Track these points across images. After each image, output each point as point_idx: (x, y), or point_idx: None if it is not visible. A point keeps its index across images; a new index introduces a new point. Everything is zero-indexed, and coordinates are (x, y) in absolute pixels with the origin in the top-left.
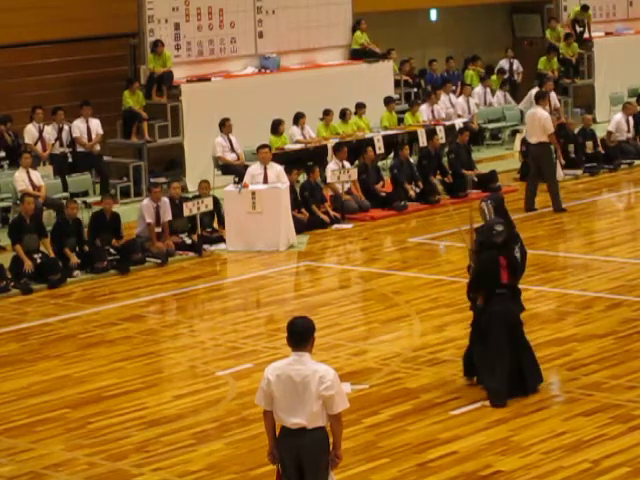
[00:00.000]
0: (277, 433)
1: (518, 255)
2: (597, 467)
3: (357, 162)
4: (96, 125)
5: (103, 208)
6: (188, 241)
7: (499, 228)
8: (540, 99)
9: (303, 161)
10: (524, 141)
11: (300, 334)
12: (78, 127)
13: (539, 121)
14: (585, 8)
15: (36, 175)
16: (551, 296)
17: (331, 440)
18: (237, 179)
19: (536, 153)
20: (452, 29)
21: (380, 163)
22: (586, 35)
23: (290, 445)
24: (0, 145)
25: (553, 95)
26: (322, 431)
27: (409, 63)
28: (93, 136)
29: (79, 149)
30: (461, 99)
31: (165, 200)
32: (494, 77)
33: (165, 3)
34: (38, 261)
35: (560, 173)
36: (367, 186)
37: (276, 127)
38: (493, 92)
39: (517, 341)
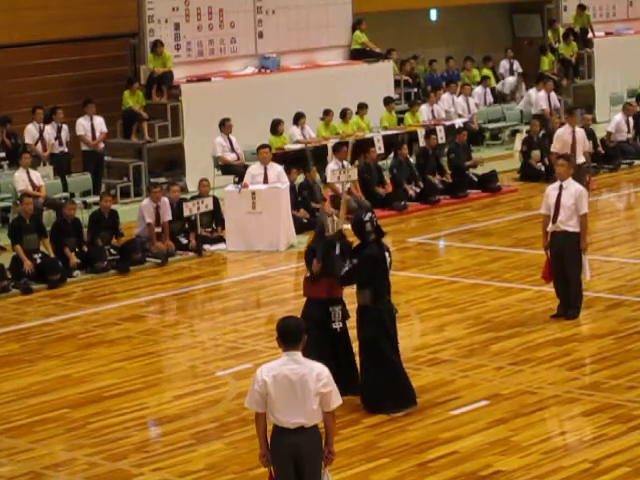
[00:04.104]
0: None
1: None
2: (597, 467)
3: (357, 162)
4: (100, 123)
5: (101, 207)
6: (184, 241)
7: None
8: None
9: (303, 161)
10: (525, 141)
11: (293, 334)
12: (82, 125)
13: None
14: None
15: (36, 175)
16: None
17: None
18: (237, 179)
19: None
20: (452, 29)
21: (380, 163)
22: (590, 35)
23: (289, 444)
24: (0, 148)
25: (553, 95)
26: (317, 428)
27: (409, 63)
28: (97, 134)
29: (83, 147)
30: (460, 98)
31: (165, 200)
32: (487, 70)
33: (165, 3)
34: (38, 261)
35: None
36: (367, 186)
37: (275, 127)
38: (494, 92)
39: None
